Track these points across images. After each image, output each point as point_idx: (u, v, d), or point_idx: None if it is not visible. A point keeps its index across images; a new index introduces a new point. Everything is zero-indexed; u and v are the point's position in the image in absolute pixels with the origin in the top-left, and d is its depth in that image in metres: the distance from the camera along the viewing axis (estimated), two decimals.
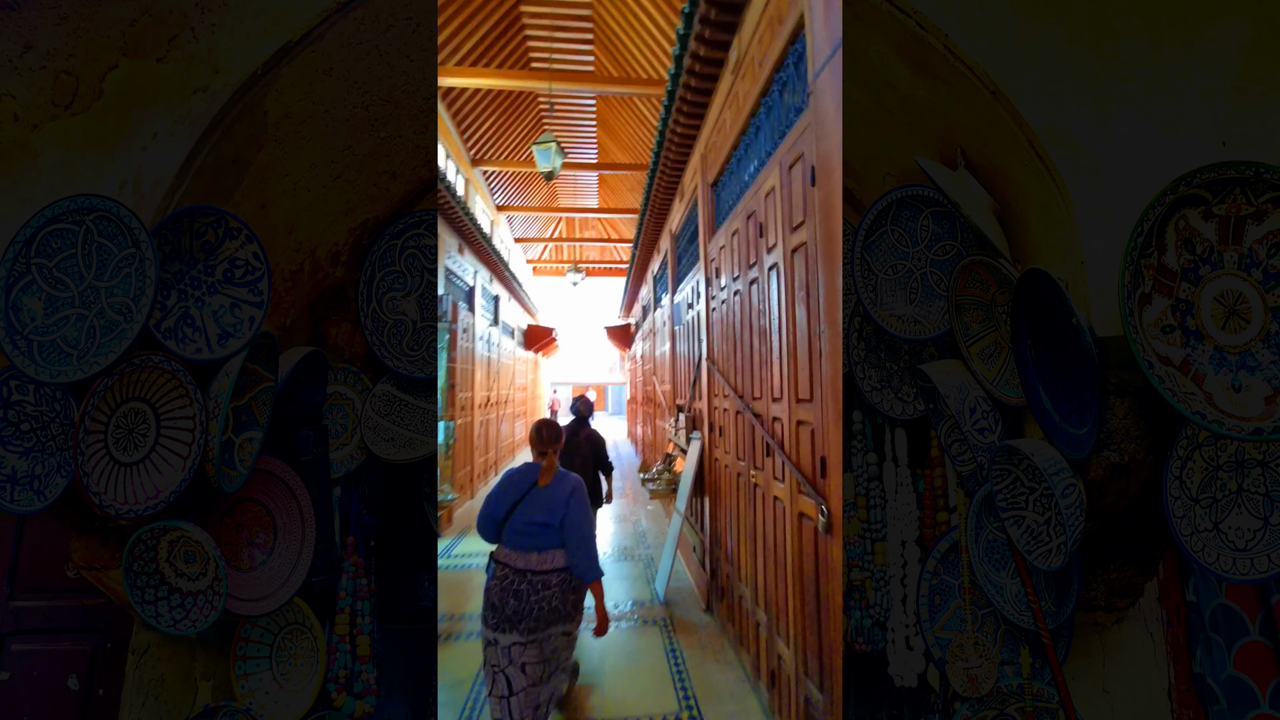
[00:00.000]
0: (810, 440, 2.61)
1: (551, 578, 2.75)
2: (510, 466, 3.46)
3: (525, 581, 2.73)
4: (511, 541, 2.82)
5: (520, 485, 2.88)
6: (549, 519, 2.79)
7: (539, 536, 2.78)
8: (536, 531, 2.78)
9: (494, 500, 2.89)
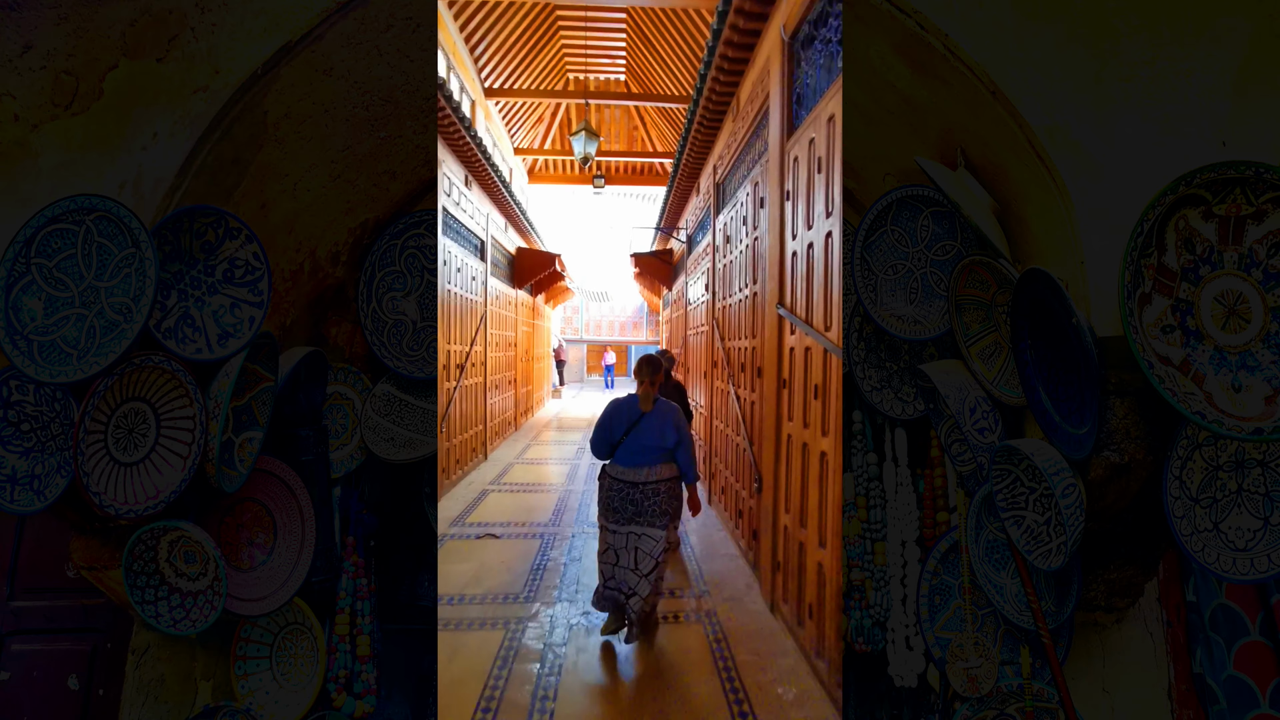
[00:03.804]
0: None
1: (660, 486, 3.54)
2: (611, 400, 3.82)
3: (639, 491, 3.52)
4: (626, 460, 3.56)
5: (630, 414, 3.58)
6: (661, 441, 3.52)
7: (650, 454, 3.54)
8: (648, 450, 3.53)
9: (606, 427, 3.62)
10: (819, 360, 3.12)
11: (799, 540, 3.41)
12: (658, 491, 3.53)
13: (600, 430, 3.65)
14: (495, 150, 11.47)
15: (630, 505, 3.51)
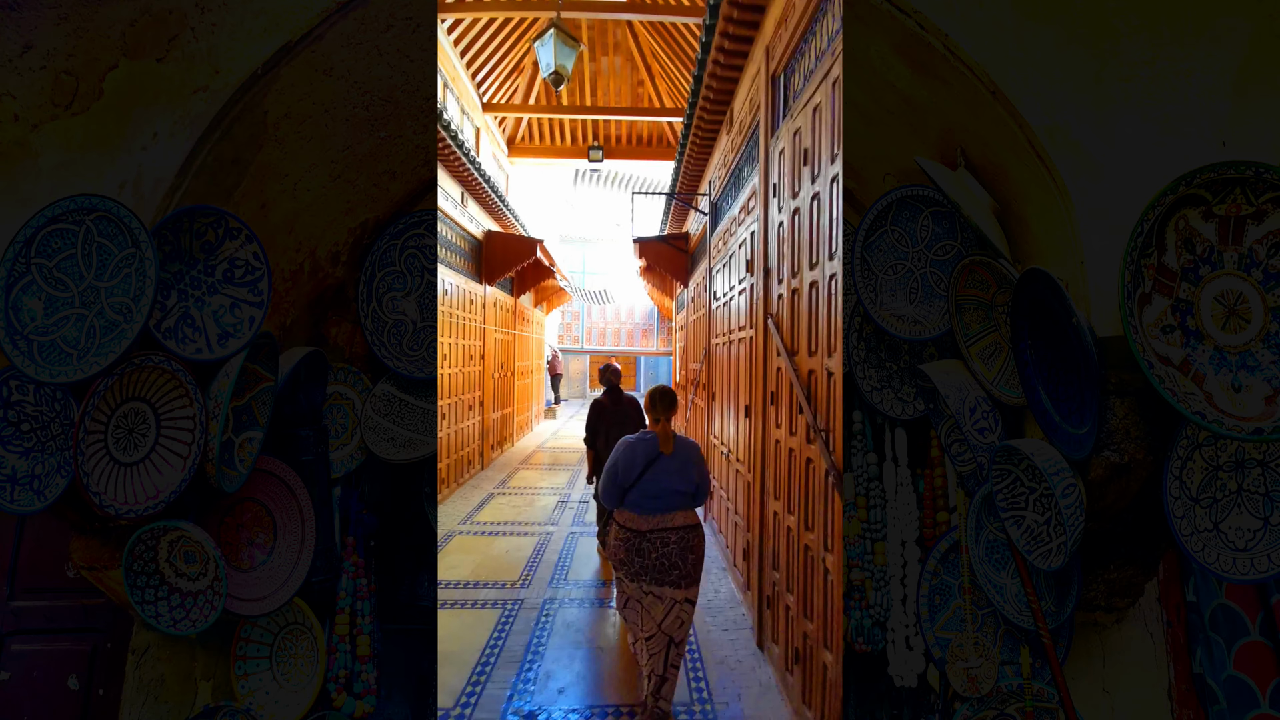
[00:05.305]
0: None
1: (670, 535, 2.98)
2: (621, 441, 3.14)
3: (645, 540, 2.98)
4: (639, 506, 3.01)
5: (648, 453, 3.04)
6: (684, 486, 3.01)
7: (668, 499, 2.99)
8: (667, 495, 2.99)
9: (619, 470, 3.05)
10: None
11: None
12: (666, 541, 2.98)
13: (609, 473, 3.10)
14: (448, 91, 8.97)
15: (637, 556, 2.99)
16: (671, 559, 2.96)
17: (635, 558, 2.99)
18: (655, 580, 2.97)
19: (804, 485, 3.08)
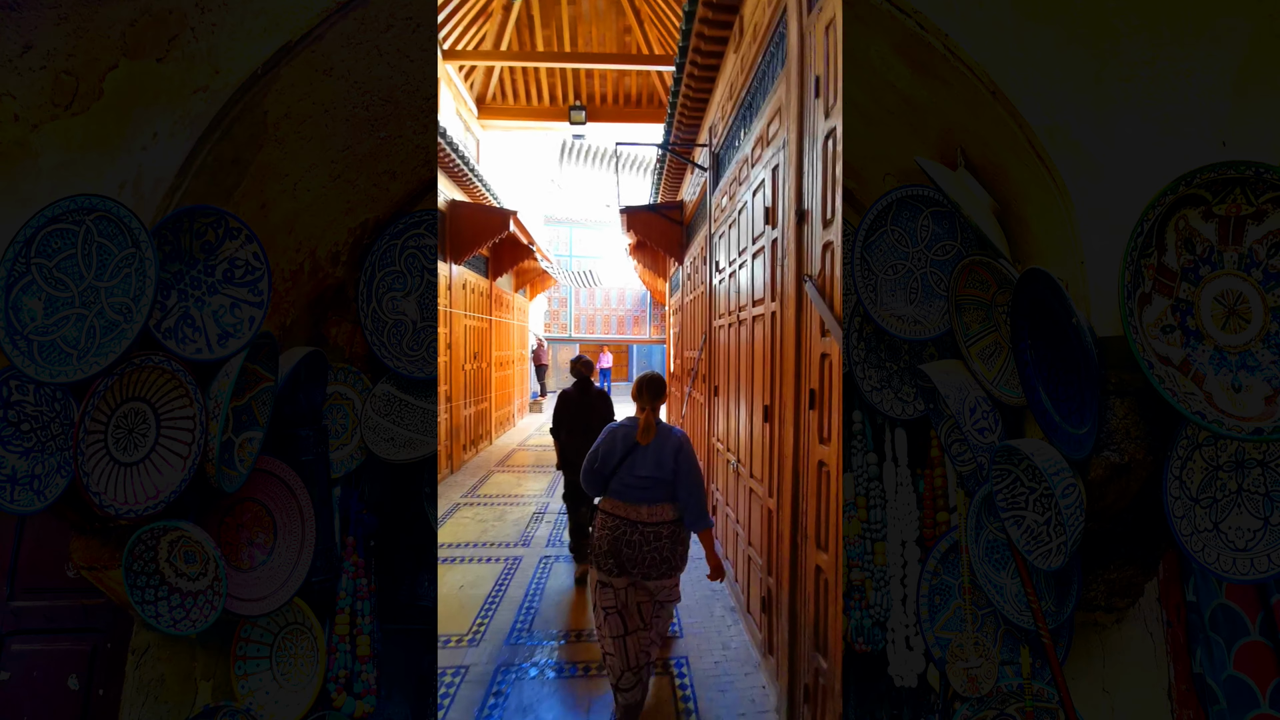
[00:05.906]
0: None
1: (662, 529, 2.91)
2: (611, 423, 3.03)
3: (637, 532, 2.89)
4: (621, 494, 2.96)
5: (626, 441, 2.99)
6: (659, 474, 2.91)
7: (649, 490, 2.92)
8: (647, 485, 2.92)
9: (599, 456, 3.02)
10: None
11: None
12: (659, 535, 2.89)
13: (590, 459, 3.06)
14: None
15: (626, 547, 2.88)
16: (663, 552, 2.91)
17: (623, 548, 2.89)
18: (644, 575, 2.90)
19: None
